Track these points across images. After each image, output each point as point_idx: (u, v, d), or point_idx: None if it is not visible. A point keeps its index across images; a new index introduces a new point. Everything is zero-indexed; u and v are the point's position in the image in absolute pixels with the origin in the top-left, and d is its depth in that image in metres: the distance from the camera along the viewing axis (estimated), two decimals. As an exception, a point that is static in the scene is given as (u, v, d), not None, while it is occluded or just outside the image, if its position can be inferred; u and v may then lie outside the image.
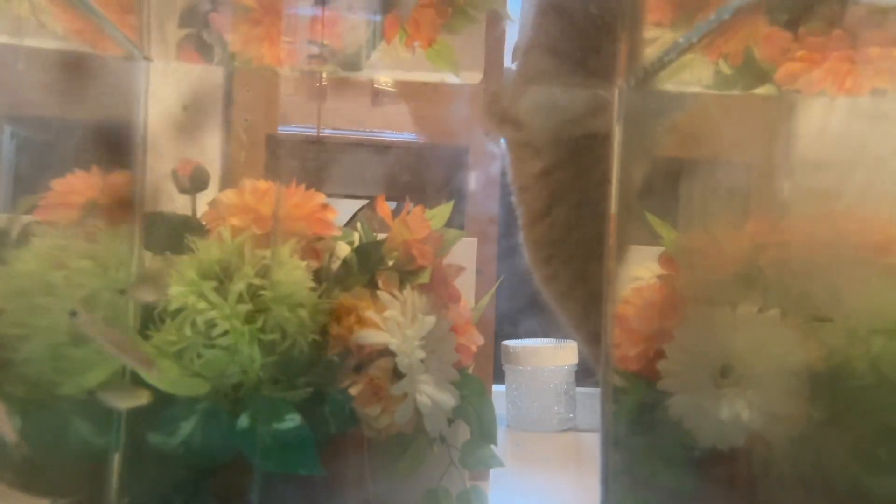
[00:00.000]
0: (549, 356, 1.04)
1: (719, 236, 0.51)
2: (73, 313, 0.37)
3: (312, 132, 0.66)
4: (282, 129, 0.64)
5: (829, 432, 0.44)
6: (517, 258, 0.58)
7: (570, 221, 0.46)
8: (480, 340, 0.54)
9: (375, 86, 0.81)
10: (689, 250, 0.52)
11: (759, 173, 0.53)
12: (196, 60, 0.48)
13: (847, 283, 0.47)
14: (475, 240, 0.67)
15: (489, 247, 0.73)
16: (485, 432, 0.51)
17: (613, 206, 0.44)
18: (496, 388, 1.12)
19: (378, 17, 0.51)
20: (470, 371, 0.53)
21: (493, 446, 0.51)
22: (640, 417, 0.52)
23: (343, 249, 0.54)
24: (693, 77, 0.52)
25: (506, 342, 1.04)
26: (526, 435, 1.07)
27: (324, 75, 0.53)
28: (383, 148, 0.78)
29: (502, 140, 0.51)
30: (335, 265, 0.52)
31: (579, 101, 0.42)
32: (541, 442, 1.03)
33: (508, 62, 0.56)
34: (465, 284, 0.63)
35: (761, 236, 0.50)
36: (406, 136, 0.84)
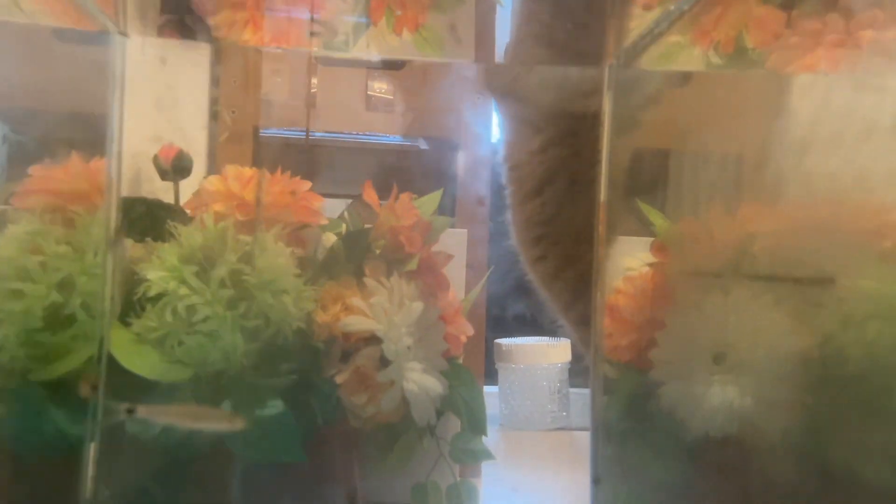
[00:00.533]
0: (542, 354, 1.03)
1: (711, 223, 0.51)
2: (129, 410, 0.37)
3: (301, 135, 0.65)
4: (266, 133, 0.63)
5: (823, 418, 0.43)
6: (507, 244, 0.57)
7: (561, 201, 0.46)
8: (470, 331, 0.53)
9: (368, 92, 0.81)
10: (681, 237, 0.52)
11: (750, 158, 0.52)
12: (178, 37, 0.47)
13: (841, 268, 0.46)
14: (465, 231, 0.66)
15: (480, 242, 0.72)
16: (474, 424, 0.50)
17: (602, 192, 0.44)
18: (488, 388, 1.11)
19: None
20: (460, 361, 0.52)
21: (483, 438, 0.50)
22: (632, 407, 0.51)
23: (330, 240, 0.53)
24: (683, 65, 0.51)
25: (498, 340, 1.03)
26: (519, 433, 1.06)
27: (312, 53, 0.52)
28: (374, 150, 0.78)
29: (498, 117, 0.50)
30: (321, 255, 0.52)
31: (585, 78, 0.41)
32: (534, 440, 1.02)
33: (498, 42, 0.56)
34: (456, 277, 0.62)
35: (753, 222, 0.49)
36: (397, 139, 0.84)
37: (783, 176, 0.52)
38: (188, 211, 0.49)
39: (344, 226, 0.52)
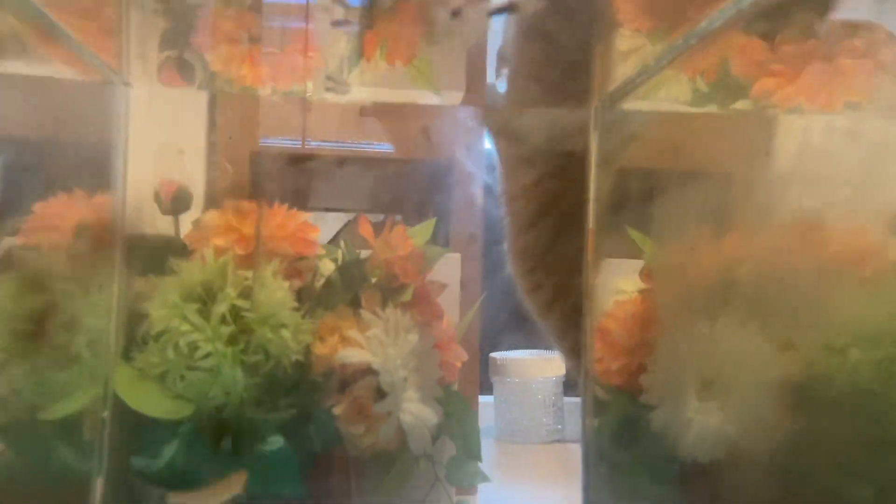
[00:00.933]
0: (537, 368, 1.04)
1: (696, 249, 0.52)
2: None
3: (297, 144, 0.66)
4: (265, 142, 0.64)
5: (809, 444, 0.44)
6: (502, 272, 0.58)
7: (556, 232, 0.47)
8: (464, 356, 0.54)
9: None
10: (667, 263, 0.53)
11: (735, 186, 0.53)
12: (177, 82, 0.48)
13: (823, 295, 0.47)
14: (458, 255, 0.67)
15: (473, 261, 0.73)
16: (469, 449, 0.51)
17: (591, 221, 0.45)
18: (484, 398, 1.12)
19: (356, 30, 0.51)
20: (455, 387, 0.53)
21: (478, 463, 0.52)
22: (623, 431, 0.53)
23: (327, 266, 0.55)
24: (669, 94, 0.53)
25: (493, 354, 1.05)
26: (515, 446, 1.07)
27: (308, 94, 0.53)
28: (370, 161, 0.79)
29: (494, 153, 0.52)
30: (319, 283, 0.53)
31: (574, 117, 0.43)
32: (530, 454, 1.04)
33: (490, 78, 0.57)
34: (449, 300, 0.63)
35: (738, 249, 0.51)
36: (390, 147, 0.85)
37: (767, 203, 0.53)
38: (189, 243, 0.50)
39: (340, 253, 0.54)
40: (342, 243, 0.54)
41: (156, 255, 0.48)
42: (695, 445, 0.47)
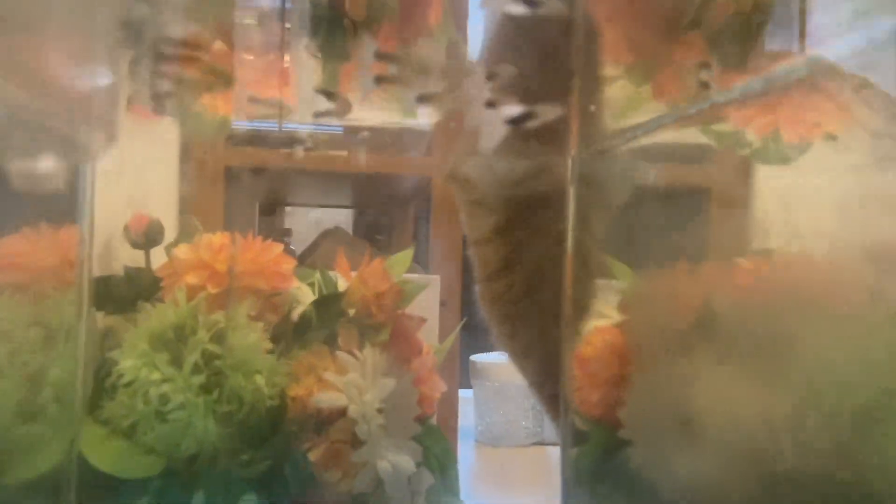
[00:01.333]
0: (517, 371, 1.04)
1: (674, 282, 0.52)
2: None
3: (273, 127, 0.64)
4: (238, 125, 0.61)
5: (790, 485, 0.44)
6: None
7: (529, 281, 0.46)
8: (443, 388, 0.54)
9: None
10: (643, 296, 0.52)
11: (714, 218, 0.53)
12: (148, 114, 0.47)
13: (801, 333, 0.47)
14: (438, 277, 0.66)
15: (453, 277, 0.72)
16: (448, 484, 0.51)
17: (569, 276, 0.44)
18: (463, 392, 1.12)
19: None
20: (434, 419, 0.53)
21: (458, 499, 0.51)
22: (602, 462, 0.52)
23: (304, 292, 0.54)
24: (646, 114, 0.52)
25: (473, 357, 1.04)
26: (494, 449, 1.07)
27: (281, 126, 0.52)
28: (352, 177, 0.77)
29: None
30: (296, 310, 0.52)
31: (518, 166, 0.41)
32: (509, 456, 1.04)
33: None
34: (429, 325, 0.62)
35: (717, 282, 0.50)
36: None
37: (748, 235, 0.53)
38: (162, 277, 0.49)
39: (316, 285, 0.53)
40: (318, 276, 0.52)
41: (126, 295, 0.46)
42: (674, 484, 0.47)
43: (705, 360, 0.47)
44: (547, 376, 0.49)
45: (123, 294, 0.47)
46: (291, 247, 1.37)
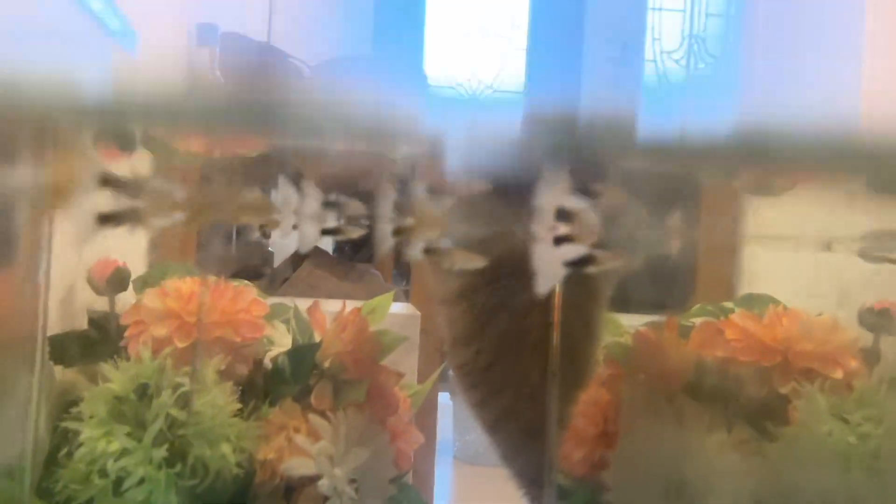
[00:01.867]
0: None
1: (662, 341, 0.50)
2: None
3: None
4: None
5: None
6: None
7: (497, 350, 0.43)
8: (421, 439, 0.52)
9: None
10: (631, 353, 0.51)
11: (705, 280, 0.51)
12: (116, 154, 0.43)
13: (793, 401, 0.45)
14: (419, 314, 0.64)
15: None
16: (424, 545, 0.49)
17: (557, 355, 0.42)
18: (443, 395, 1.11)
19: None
20: (409, 477, 0.51)
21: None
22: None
23: (279, 332, 0.51)
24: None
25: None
26: (472, 467, 1.06)
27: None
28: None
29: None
30: (270, 354, 0.49)
31: (478, 230, 0.38)
32: (489, 475, 1.03)
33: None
34: (408, 363, 0.60)
35: (705, 344, 0.48)
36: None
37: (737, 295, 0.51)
38: (126, 324, 0.46)
39: (291, 335, 0.50)
40: (293, 323, 0.50)
41: (86, 349, 0.44)
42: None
43: (698, 428, 0.46)
44: (518, 452, 0.47)
45: (84, 345, 0.44)
46: (270, 248, 1.33)
